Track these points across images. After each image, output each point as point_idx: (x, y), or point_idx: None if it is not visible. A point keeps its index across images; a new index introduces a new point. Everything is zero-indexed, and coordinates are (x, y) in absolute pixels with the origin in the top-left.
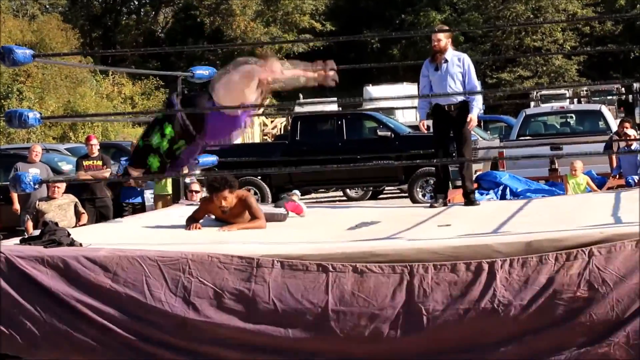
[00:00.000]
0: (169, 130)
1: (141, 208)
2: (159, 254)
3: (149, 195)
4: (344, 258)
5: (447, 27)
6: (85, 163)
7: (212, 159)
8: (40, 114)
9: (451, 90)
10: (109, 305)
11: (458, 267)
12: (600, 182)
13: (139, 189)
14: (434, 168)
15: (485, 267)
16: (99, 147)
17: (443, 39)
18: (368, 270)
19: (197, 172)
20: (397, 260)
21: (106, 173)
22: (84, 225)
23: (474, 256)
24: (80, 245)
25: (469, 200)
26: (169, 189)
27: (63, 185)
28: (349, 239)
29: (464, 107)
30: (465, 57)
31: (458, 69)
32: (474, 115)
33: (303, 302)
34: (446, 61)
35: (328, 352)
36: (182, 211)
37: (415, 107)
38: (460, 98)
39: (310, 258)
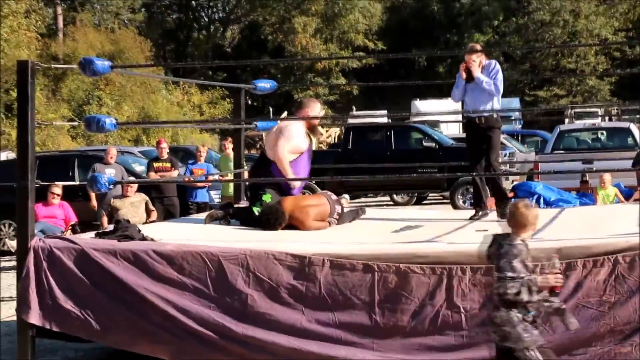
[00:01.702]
0: (267, 197)
1: (205, 207)
2: (221, 249)
3: (213, 195)
4: (389, 259)
5: (478, 46)
6: (156, 165)
7: None
8: (116, 119)
9: (482, 104)
10: (175, 295)
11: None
12: (627, 194)
13: (204, 189)
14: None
15: None
16: (168, 150)
17: (476, 59)
18: (410, 270)
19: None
20: (437, 262)
21: (174, 174)
22: (154, 221)
23: None
24: (151, 240)
25: (501, 208)
26: (232, 191)
27: (135, 185)
28: (394, 241)
29: (492, 118)
30: (494, 62)
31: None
32: (479, 73)
33: (351, 298)
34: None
35: (372, 343)
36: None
37: (459, 122)
38: (491, 105)
39: (358, 258)
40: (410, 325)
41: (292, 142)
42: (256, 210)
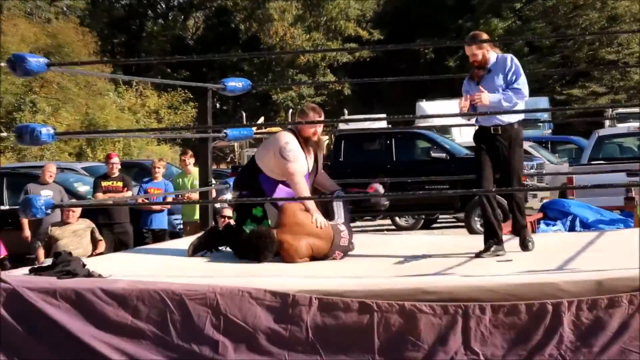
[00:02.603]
0: (258, 212)
1: (163, 235)
2: (184, 287)
3: (173, 221)
4: (391, 296)
5: (483, 35)
6: (104, 184)
7: None
8: (55, 129)
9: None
10: (129, 344)
11: (519, 308)
12: None
13: (163, 214)
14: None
15: (550, 308)
16: (119, 167)
17: (477, 51)
18: (417, 310)
19: (229, 196)
20: (450, 300)
21: (127, 195)
22: (101, 253)
23: (537, 296)
24: (98, 276)
25: (522, 240)
26: (197, 215)
27: (79, 210)
28: (396, 274)
29: (512, 134)
30: (510, 58)
31: (502, 78)
32: (490, 96)
33: (346, 345)
34: (489, 71)
35: None
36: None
37: (474, 125)
38: (508, 117)
39: (353, 295)
40: None
41: (299, 164)
42: (248, 228)
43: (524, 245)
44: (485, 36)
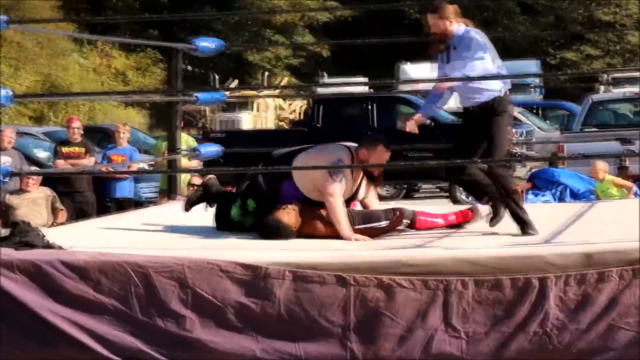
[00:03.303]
0: (252, 205)
1: (128, 204)
2: (150, 259)
3: (143, 189)
4: (368, 269)
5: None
6: (65, 150)
7: (216, 149)
8: (13, 91)
9: (472, 92)
10: (90, 319)
11: (503, 282)
12: None
13: (127, 182)
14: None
15: (536, 283)
16: (81, 132)
17: (438, 21)
18: (396, 284)
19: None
20: (431, 273)
21: (89, 162)
22: (62, 224)
23: (523, 270)
24: (58, 248)
25: (493, 216)
26: None
27: (38, 177)
28: (374, 247)
29: (491, 106)
30: (472, 32)
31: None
32: (425, 112)
33: (319, 321)
34: (454, 48)
35: None
36: (177, 209)
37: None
38: (488, 94)
39: (328, 268)
40: (395, 355)
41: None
42: (234, 213)
43: (492, 221)
44: (450, 7)
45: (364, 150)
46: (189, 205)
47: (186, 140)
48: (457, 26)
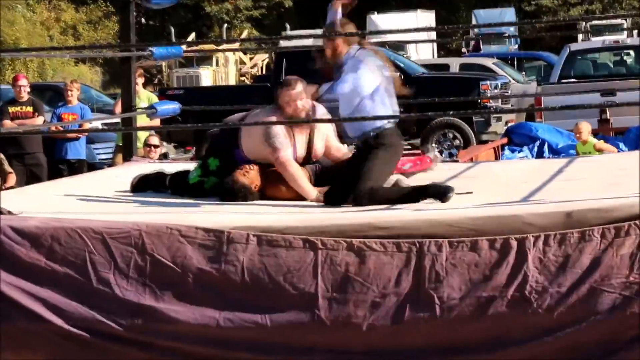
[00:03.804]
0: (214, 163)
1: (80, 166)
2: (105, 224)
3: (94, 150)
4: (337, 232)
5: (345, 26)
6: (12, 110)
7: (173, 106)
8: None
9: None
10: (43, 289)
11: (480, 244)
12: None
13: (79, 142)
14: (452, 118)
15: (514, 244)
16: (29, 90)
17: (327, 43)
18: (367, 247)
19: (157, 122)
20: (404, 236)
21: (38, 122)
22: (11, 188)
23: (500, 230)
24: (8, 213)
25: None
26: None
27: None
28: (343, 208)
29: (373, 138)
30: (359, 53)
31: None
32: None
33: (285, 287)
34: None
35: (317, 347)
36: (134, 171)
37: (433, 41)
38: (370, 126)
39: (295, 232)
40: (366, 321)
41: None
42: (193, 174)
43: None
44: (347, 27)
45: (279, 100)
46: (133, 187)
47: (148, 97)
48: (348, 48)
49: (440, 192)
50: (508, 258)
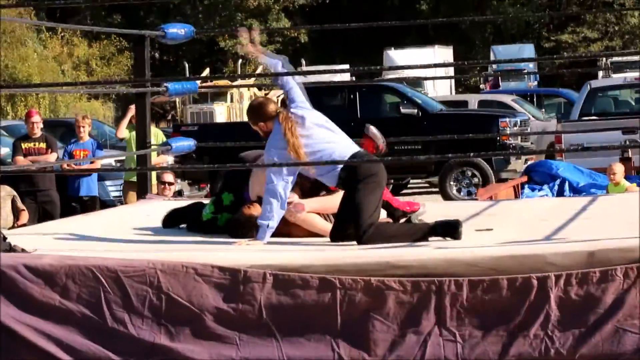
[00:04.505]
0: (228, 199)
1: (93, 203)
2: (120, 262)
3: (107, 187)
4: (355, 271)
5: (262, 107)
6: (25, 146)
7: (188, 143)
8: None
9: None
10: (57, 328)
11: (500, 283)
12: None
13: (91, 178)
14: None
15: (535, 283)
16: (42, 126)
17: (255, 127)
18: (385, 286)
19: (170, 159)
20: (422, 275)
21: (51, 159)
22: (24, 225)
23: (521, 270)
24: (22, 251)
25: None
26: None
27: None
28: (361, 246)
29: (344, 179)
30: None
31: None
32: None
33: (304, 327)
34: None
35: None
36: (149, 208)
37: (451, 77)
38: (333, 172)
39: (312, 270)
40: None
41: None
42: (206, 210)
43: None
44: (264, 107)
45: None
46: (166, 222)
47: (155, 134)
48: (272, 124)
49: (450, 228)
50: (529, 297)
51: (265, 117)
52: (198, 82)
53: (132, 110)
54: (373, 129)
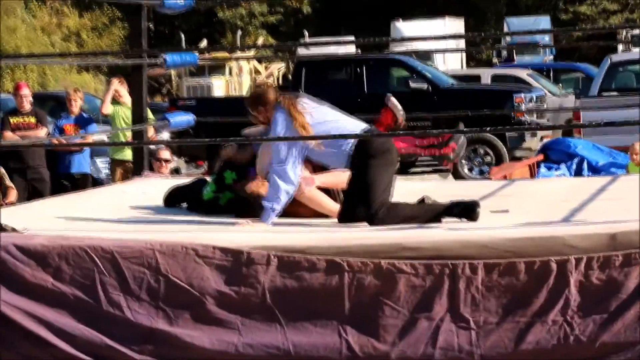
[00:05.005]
0: (230, 176)
1: (85, 181)
2: (116, 243)
3: (100, 164)
4: (364, 253)
5: (263, 95)
6: (13, 120)
7: (187, 117)
8: None
9: None
10: (49, 311)
11: (517, 267)
12: None
13: (83, 155)
14: (483, 133)
15: (554, 267)
16: (31, 100)
17: (254, 114)
18: (396, 269)
19: (166, 135)
20: (435, 257)
21: (41, 134)
22: (13, 203)
23: (539, 253)
24: (12, 230)
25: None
26: (129, 154)
27: None
28: (371, 227)
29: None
30: (277, 113)
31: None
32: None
33: (310, 311)
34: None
35: None
36: (145, 186)
37: (462, 50)
38: (343, 149)
39: (319, 252)
40: (397, 348)
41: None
42: (208, 190)
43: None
44: (266, 94)
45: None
46: (168, 201)
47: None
48: (272, 110)
49: (467, 209)
50: (548, 281)
51: (266, 102)
52: (197, 53)
53: (114, 83)
54: (394, 100)
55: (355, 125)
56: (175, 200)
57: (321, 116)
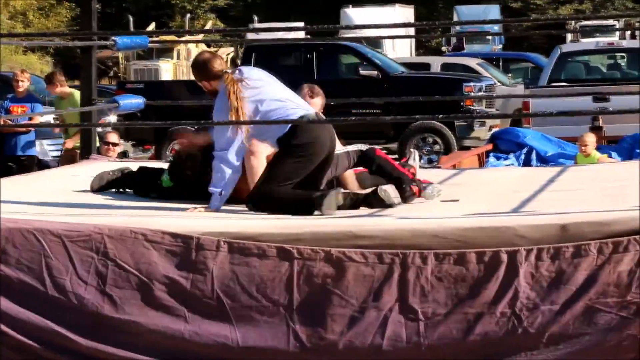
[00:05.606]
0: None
1: (31, 163)
2: (64, 226)
3: (46, 146)
4: (314, 240)
5: (206, 63)
6: None
7: (137, 100)
8: None
9: None
10: None
11: (468, 257)
12: None
13: (30, 136)
14: (432, 122)
15: (505, 258)
16: None
17: (200, 83)
18: (346, 258)
19: (113, 118)
20: (386, 246)
21: None
22: None
23: (490, 243)
24: None
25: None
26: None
27: None
28: (321, 215)
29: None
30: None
31: None
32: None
33: (258, 299)
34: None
35: None
36: (93, 170)
37: (412, 36)
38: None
39: (269, 239)
40: (345, 338)
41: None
42: (167, 182)
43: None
44: (210, 64)
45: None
46: (97, 184)
47: (71, 94)
48: (217, 84)
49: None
50: (498, 272)
51: (209, 75)
52: (147, 37)
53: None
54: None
55: (298, 109)
56: (103, 187)
57: (263, 95)
